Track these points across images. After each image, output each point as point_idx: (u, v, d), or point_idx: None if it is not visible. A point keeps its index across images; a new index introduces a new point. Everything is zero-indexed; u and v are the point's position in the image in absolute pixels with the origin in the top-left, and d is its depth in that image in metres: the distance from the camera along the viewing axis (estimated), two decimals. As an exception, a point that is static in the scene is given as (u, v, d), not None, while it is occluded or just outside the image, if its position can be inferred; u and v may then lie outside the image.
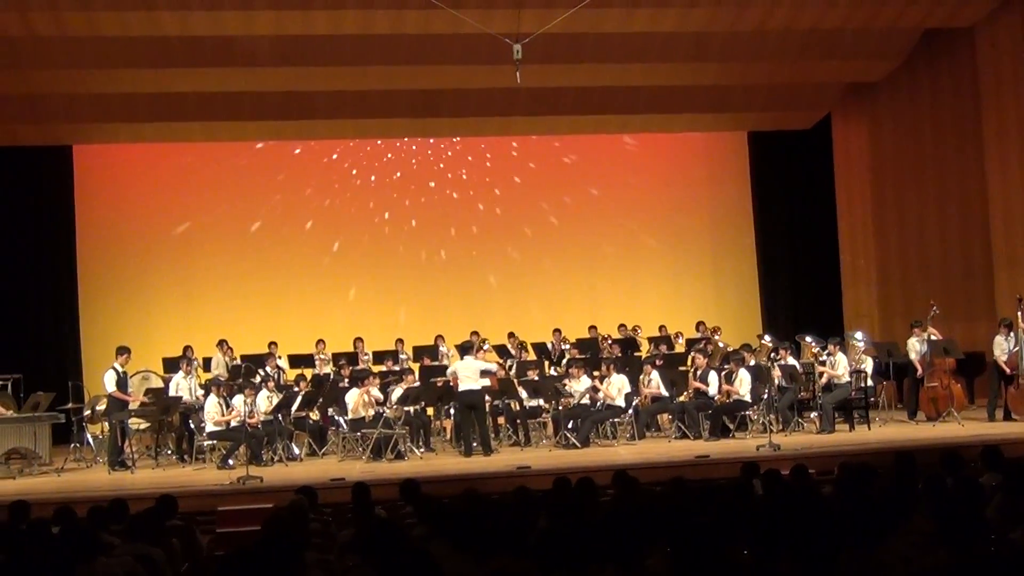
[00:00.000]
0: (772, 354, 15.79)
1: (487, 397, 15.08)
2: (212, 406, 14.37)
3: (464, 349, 15.03)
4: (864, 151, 20.01)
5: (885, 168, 19.47)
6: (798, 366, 15.56)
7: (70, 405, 15.63)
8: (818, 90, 19.96)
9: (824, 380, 15.27)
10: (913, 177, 18.79)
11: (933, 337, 15.80)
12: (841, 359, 15.36)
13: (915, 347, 15.95)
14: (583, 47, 16.81)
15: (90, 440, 15.80)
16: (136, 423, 15.44)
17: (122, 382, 14.89)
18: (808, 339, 16.58)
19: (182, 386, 15.32)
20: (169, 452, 15.55)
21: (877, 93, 19.43)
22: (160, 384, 16.21)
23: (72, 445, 15.63)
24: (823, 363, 15.45)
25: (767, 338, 17.42)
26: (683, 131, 21.54)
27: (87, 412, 15.83)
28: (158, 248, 20.23)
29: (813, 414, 15.57)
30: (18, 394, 15.51)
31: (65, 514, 7.75)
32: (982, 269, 17.25)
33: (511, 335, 17.93)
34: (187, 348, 16.40)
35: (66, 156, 19.92)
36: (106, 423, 15.20)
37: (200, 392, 15.32)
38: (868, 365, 15.90)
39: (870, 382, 15.83)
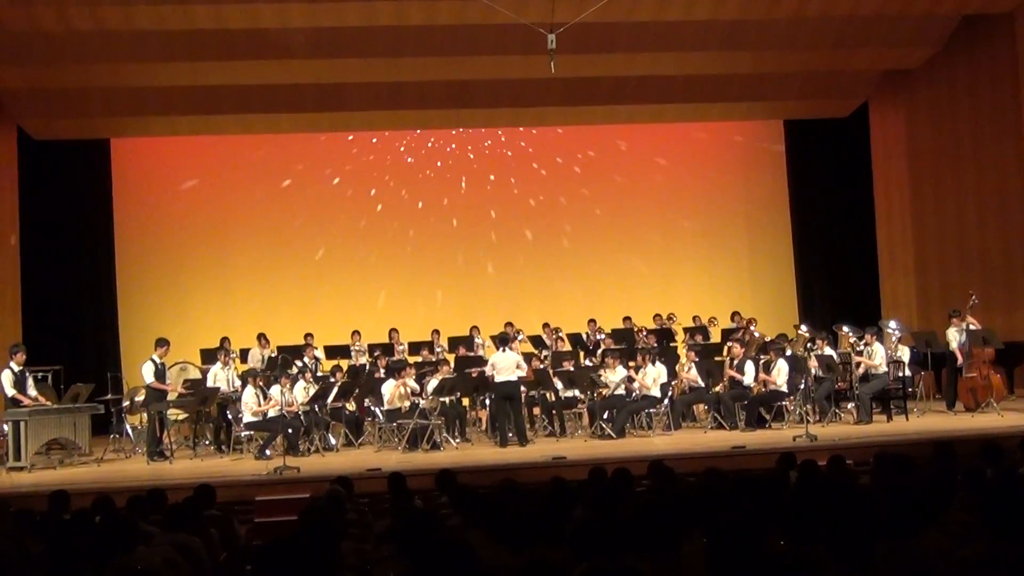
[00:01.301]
0: (809, 344, 15.69)
1: (522, 388, 15.09)
2: (249, 397, 14.46)
3: (502, 340, 15.05)
4: (901, 139, 19.84)
5: (923, 156, 19.28)
6: (835, 356, 15.45)
7: (109, 396, 15.77)
8: (855, 78, 19.79)
9: (861, 370, 15.16)
10: (951, 165, 18.60)
11: (972, 327, 15.65)
12: (878, 349, 15.25)
13: (954, 337, 15.80)
14: (617, 36, 16.76)
15: (129, 431, 15.93)
16: (174, 414, 15.57)
17: (160, 373, 15.02)
18: (845, 329, 16.46)
19: (220, 377, 15.44)
20: (207, 443, 15.66)
21: (914, 81, 19.25)
22: (198, 375, 16.33)
23: (111, 436, 15.79)
24: (860, 353, 15.34)
25: (804, 328, 17.30)
26: (718, 120, 21.43)
27: (126, 403, 15.96)
28: (195, 240, 20.36)
29: (850, 404, 15.46)
30: (58, 385, 15.67)
31: (105, 504, 7.83)
32: (1021, 258, 17.05)
33: (546, 325, 17.93)
34: (224, 340, 16.49)
35: (104, 150, 20.08)
36: (145, 414, 15.33)
37: (238, 383, 15.42)
38: (905, 355, 15.76)
39: (908, 372, 15.69)
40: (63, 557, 5.04)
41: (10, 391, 14.17)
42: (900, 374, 15.48)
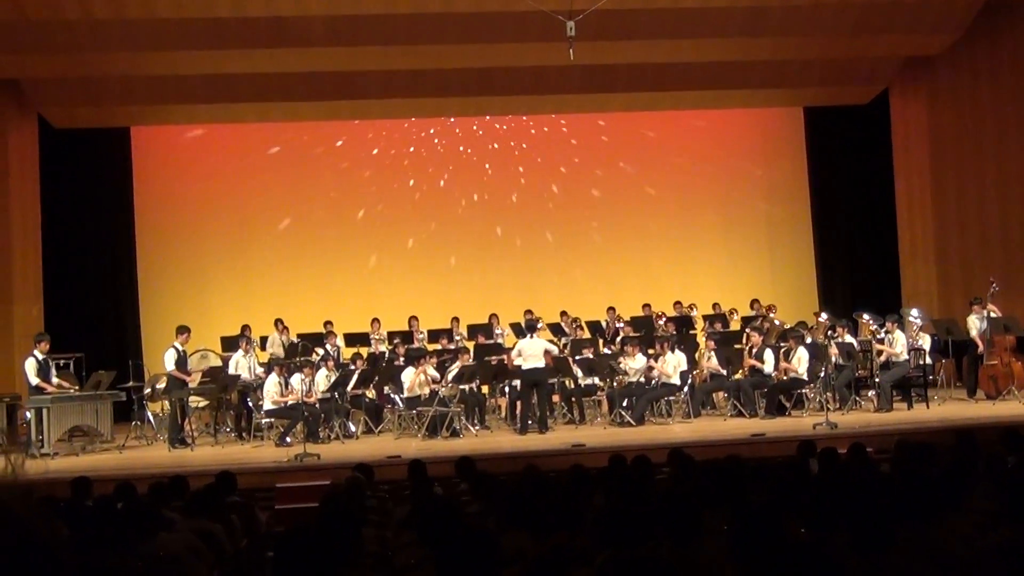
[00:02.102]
0: (829, 332, 15.65)
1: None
2: (272, 385, 14.51)
3: (528, 327, 15.08)
4: (922, 126, 19.71)
5: (944, 143, 19.17)
6: (855, 344, 15.42)
7: (131, 384, 15.87)
8: (875, 64, 19.67)
9: (882, 358, 15.12)
10: (972, 152, 18.49)
11: (993, 314, 15.59)
12: (899, 337, 15.20)
13: (975, 324, 15.74)
14: (636, 23, 16.69)
15: (150, 418, 16.02)
16: (195, 401, 15.65)
17: (181, 361, 15.09)
18: (865, 316, 16.40)
19: (241, 365, 15.52)
20: (228, 430, 15.74)
21: (936, 67, 19.12)
22: (218, 363, 16.40)
23: (133, 423, 15.89)
24: (881, 341, 15.30)
25: (824, 315, 17.25)
26: (738, 107, 21.34)
27: (147, 390, 16.06)
28: (215, 228, 20.41)
29: (871, 392, 15.43)
30: (80, 373, 15.76)
31: (127, 490, 7.88)
32: (1043, 245, 16.98)
33: (564, 313, 17.92)
34: (245, 327, 16.56)
35: (124, 138, 20.14)
36: (166, 401, 15.41)
37: (259, 370, 15.48)
38: (926, 343, 15.71)
39: (928, 360, 15.64)
40: (86, 543, 5.08)
41: (34, 379, 14.28)
42: (921, 362, 15.43)
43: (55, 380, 14.44)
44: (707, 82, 19.22)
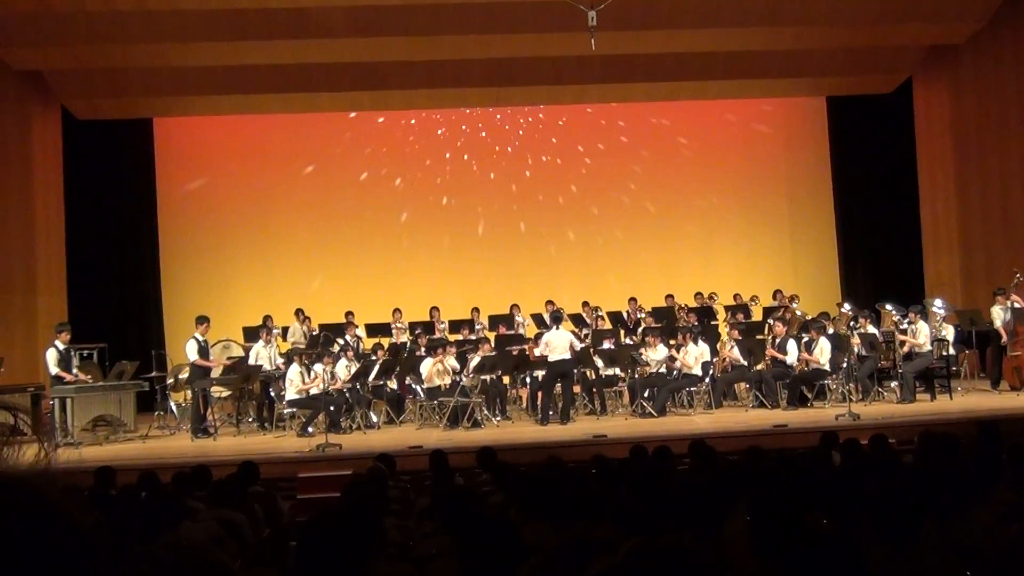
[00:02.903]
0: (852, 322, 15.59)
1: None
2: (294, 374, 14.56)
3: (555, 320, 15.08)
4: (946, 115, 19.58)
5: (968, 133, 19.04)
6: (878, 334, 15.36)
7: (154, 374, 15.94)
8: (898, 53, 19.55)
9: (905, 349, 15.06)
10: (997, 142, 18.37)
11: (1017, 305, 15.50)
12: (922, 327, 15.13)
13: (998, 315, 15.65)
14: (658, 13, 16.64)
15: (173, 408, 16.10)
16: (218, 391, 15.71)
17: (203, 351, 15.17)
18: (888, 307, 16.34)
19: (262, 355, 15.56)
20: (250, 420, 15.80)
21: (960, 56, 18.99)
22: (241, 353, 16.47)
23: (156, 413, 15.98)
24: (904, 331, 15.23)
25: (847, 306, 17.18)
26: (760, 97, 21.26)
27: (170, 380, 16.14)
28: (237, 219, 20.49)
29: (893, 383, 15.37)
30: (103, 363, 15.84)
31: (150, 480, 7.92)
32: (1068, 235, 16.86)
33: (585, 304, 17.92)
34: (267, 318, 16.62)
35: (146, 129, 20.24)
36: (188, 391, 15.48)
37: (280, 361, 15.53)
38: (949, 333, 15.63)
39: (952, 351, 15.56)
40: (111, 532, 5.10)
41: (53, 369, 14.36)
42: (944, 352, 15.35)
43: (75, 371, 14.52)
44: (729, 71, 19.15)
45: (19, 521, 0.89)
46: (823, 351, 14.99)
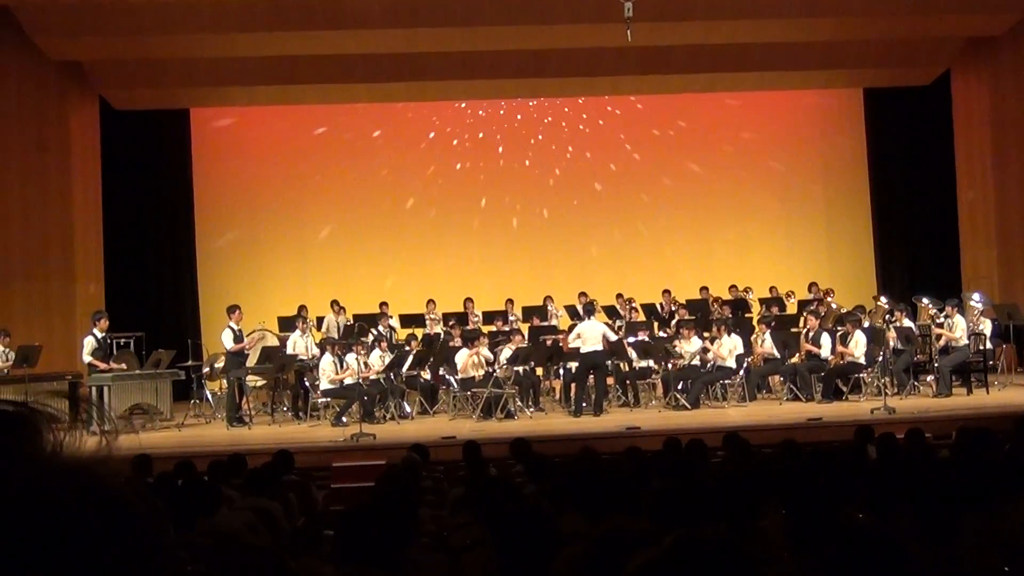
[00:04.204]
0: (887, 316, 15.49)
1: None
2: (327, 364, 14.63)
3: (587, 311, 15.08)
4: (985, 107, 19.39)
5: (1006, 125, 18.85)
6: (914, 328, 15.25)
7: (189, 362, 16.06)
8: (937, 45, 19.36)
9: (941, 342, 14.95)
10: (1036, 134, 18.20)
11: (1056, 299, 15.35)
12: (959, 321, 15.01)
13: (1037, 309, 15.52)
14: (694, 4, 16.57)
15: (209, 396, 16.22)
16: (253, 380, 15.81)
17: (239, 339, 15.29)
18: (925, 300, 16.23)
19: (298, 344, 15.65)
20: (285, 409, 15.88)
21: (999, 47, 18.79)
22: (276, 342, 16.56)
23: (192, 401, 16.08)
24: (940, 325, 15.12)
25: (883, 299, 17.07)
26: (796, 89, 21.13)
27: (206, 369, 16.25)
28: (272, 209, 20.59)
29: (929, 377, 15.26)
30: (140, 352, 15.97)
31: (186, 468, 7.99)
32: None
33: (619, 296, 17.89)
34: (302, 307, 16.69)
35: (183, 119, 20.36)
36: (224, 380, 15.59)
37: (315, 351, 15.61)
38: (987, 327, 15.50)
39: (989, 345, 15.43)
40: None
41: (87, 357, 14.51)
42: (981, 347, 15.23)
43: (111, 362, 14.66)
44: (765, 63, 19.03)
45: (82, 510, 0.90)
46: (858, 344, 14.90)
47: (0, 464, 0.90)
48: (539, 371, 16.13)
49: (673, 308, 17.58)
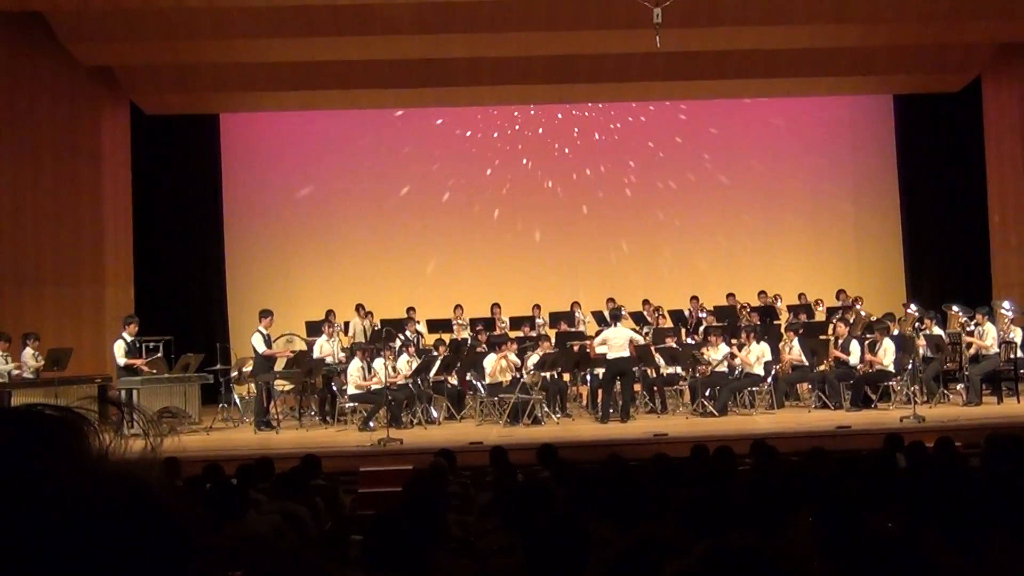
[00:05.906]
0: (917, 323, 15.40)
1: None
2: (355, 369, 14.68)
3: (614, 317, 15.08)
4: (1016, 114, 19.24)
5: (1038, 132, 18.73)
6: (944, 336, 15.16)
7: (218, 366, 16.14)
8: (968, 51, 19.24)
9: (971, 351, 14.86)
10: (1068, 141, 18.06)
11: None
12: (989, 329, 14.91)
13: (1068, 318, 15.40)
14: (723, 10, 16.53)
15: (237, 400, 16.29)
16: (281, 385, 15.88)
17: (268, 344, 15.37)
18: (955, 308, 16.13)
19: (325, 349, 15.71)
20: (312, 414, 15.94)
21: (1031, 54, 18.68)
22: (303, 347, 16.62)
23: (220, 405, 16.16)
24: (970, 333, 15.03)
25: (912, 307, 16.98)
26: (826, 95, 21.06)
27: (234, 373, 16.33)
28: (300, 214, 20.69)
29: (959, 386, 15.17)
30: (169, 355, 16.06)
31: (215, 471, 8.03)
32: None
33: (646, 302, 17.87)
34: (329, 312, 16.74)
35: (213, 124, 20.48)
36: (252, 384, 15.66)
37: (342, 355, 15.66)
38: (1018, 335, 15.39)
39: (1020, 353, 15.32)
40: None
41: (122, 360, 14.62)
42: (1012, 355, 15.12)
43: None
44: (794, 69, 18.96)
45: (130, 515, 0.91)
46: (887, 352, 14.82)
47: (49, 469, 0.91)
48: (566, 377, 16.12)
49: (701, 315, 17.54)
